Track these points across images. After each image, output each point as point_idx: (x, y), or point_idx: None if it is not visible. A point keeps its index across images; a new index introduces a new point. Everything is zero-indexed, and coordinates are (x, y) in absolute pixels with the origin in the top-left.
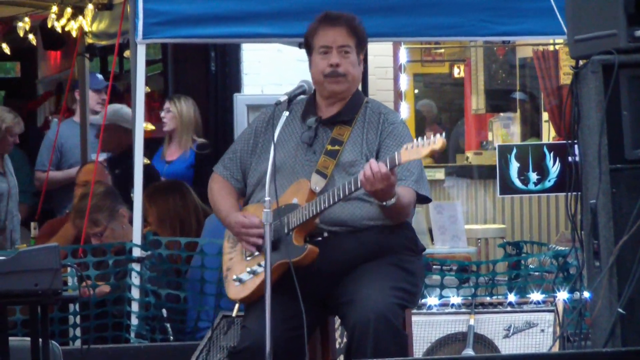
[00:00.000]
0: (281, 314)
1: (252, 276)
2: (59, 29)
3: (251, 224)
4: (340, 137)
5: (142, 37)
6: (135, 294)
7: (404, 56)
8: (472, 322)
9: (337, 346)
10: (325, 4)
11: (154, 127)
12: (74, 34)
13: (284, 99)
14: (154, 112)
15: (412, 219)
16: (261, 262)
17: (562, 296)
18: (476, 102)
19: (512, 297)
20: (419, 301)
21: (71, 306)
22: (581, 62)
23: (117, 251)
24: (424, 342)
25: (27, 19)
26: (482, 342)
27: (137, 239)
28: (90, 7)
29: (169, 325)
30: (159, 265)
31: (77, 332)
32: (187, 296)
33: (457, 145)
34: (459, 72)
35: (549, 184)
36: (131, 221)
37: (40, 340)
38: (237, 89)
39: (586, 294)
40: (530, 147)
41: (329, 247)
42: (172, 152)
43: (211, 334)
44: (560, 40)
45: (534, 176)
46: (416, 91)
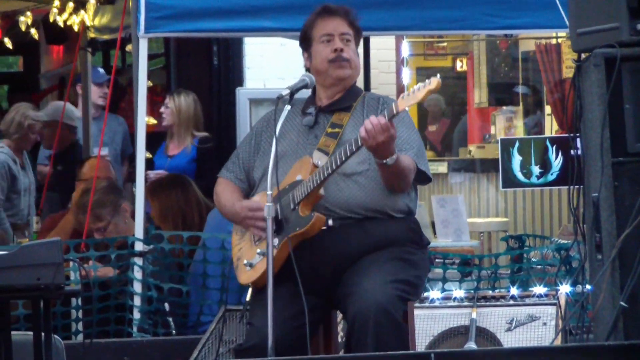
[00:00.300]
0: (288, 311)
1: (262, 257)
2: (61, 23)
3: (258, 206)
4: (340, 122)
5: (144, 31)
6: (137, 288)
7: (406, 50)
8: (474, 315)
9: (339, 340)
10: None
11: (156, 121)
12: (76, 28)
13: (286, 92)
14: (157, 106)
15: (416, 212)
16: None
17: (565, 289)
18: (479, 96)
19: (514, 291)
20: (422, 294)
21: (73, 300)
22: (583, 56)
23: (119, 245)
24: (426, 335)
25: (29, 13)
26: (485, 336)
27: (139, 233)
28: (92, 1)
29: (171, 319)
30: (162, 259)
31: (80, 326)
32: (190, 290)
33: (459, 138)
34: (461, 65)
35: (551, 177)
36: (133, 216)
37: (42, 334)
38: (240, 83)
39: (588, 287)
40: (532, 140)
41: (334, 238)
42: (174, 146)
43: (214, 328)
44: (562, 33)
45: (536, 169)
46: None
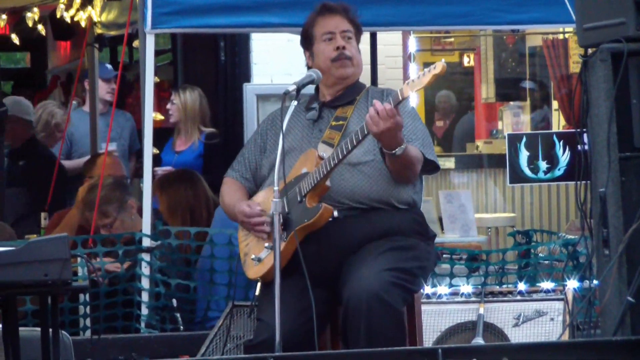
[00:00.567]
0: (296, 306)
1: (270, 251)
2: (68, 19)
3: (252, 212)
4: (344, 114)
5: (151, 27)
6: (145, 284)
7: (413, 45)
8: (481, 310)
9: None
10: None
11: (163, 117)
12: (83, 24)
13: (293, 88)
14: (164, 101)
15: (421, 204)
16: None
17: (572, 285)
18: (486, 91)
19: (521, 286)
20: (428, 288)
21: (81, 296)
22: (590, 51)
23: (126, 241)
24: (434, 331)
25: (36, 9)
26: (492, 331)
27: (146, 229)
28: None
29: (179, 315)
30: (169, 255)
31: (87, 322)
32: (197, 286)
33: (467, 134)
34: (468, 61)
35: (558, 172)
36: (140, 212)
37: (50, 330)
38: (247, 78)
39: (596, 282)
40: (540, 135)
41: (339, 230)
42: (181, 142)
43: (221, 324)
44: (569, 28)
45: (543, 165)
46: None
